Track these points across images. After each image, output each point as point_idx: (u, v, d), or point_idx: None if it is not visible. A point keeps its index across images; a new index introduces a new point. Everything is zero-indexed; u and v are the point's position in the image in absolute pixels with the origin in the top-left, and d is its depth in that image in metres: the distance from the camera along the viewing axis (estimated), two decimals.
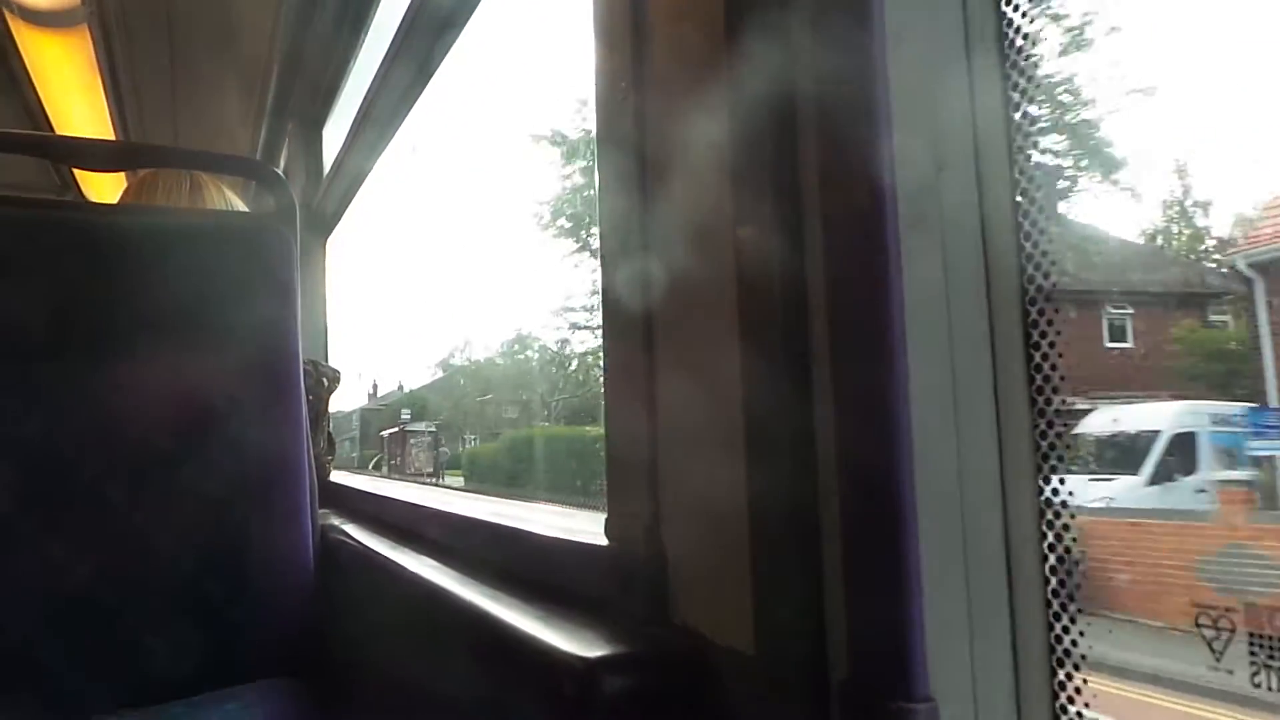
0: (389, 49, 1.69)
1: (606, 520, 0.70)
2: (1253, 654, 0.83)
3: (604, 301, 0.72)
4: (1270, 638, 0.83)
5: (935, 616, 0.47)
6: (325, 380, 1.58)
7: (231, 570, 1.05)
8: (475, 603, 0.73)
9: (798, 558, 0.52)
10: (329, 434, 1.65)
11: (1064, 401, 0.50)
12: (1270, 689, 0.78)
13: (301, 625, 1.08)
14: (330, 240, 2.23)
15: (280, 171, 1.87)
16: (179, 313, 1.12)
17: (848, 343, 0.50)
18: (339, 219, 2.22)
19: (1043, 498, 0.50)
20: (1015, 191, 0.51)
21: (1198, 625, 0.87)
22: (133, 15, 2.12)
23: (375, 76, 1.80)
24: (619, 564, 0.67)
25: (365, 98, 1.89)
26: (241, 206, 1.42)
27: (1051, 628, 0.50)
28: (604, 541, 0.70)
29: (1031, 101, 0.51)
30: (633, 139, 0.68)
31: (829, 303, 0.51)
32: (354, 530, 1.18)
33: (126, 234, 1.15)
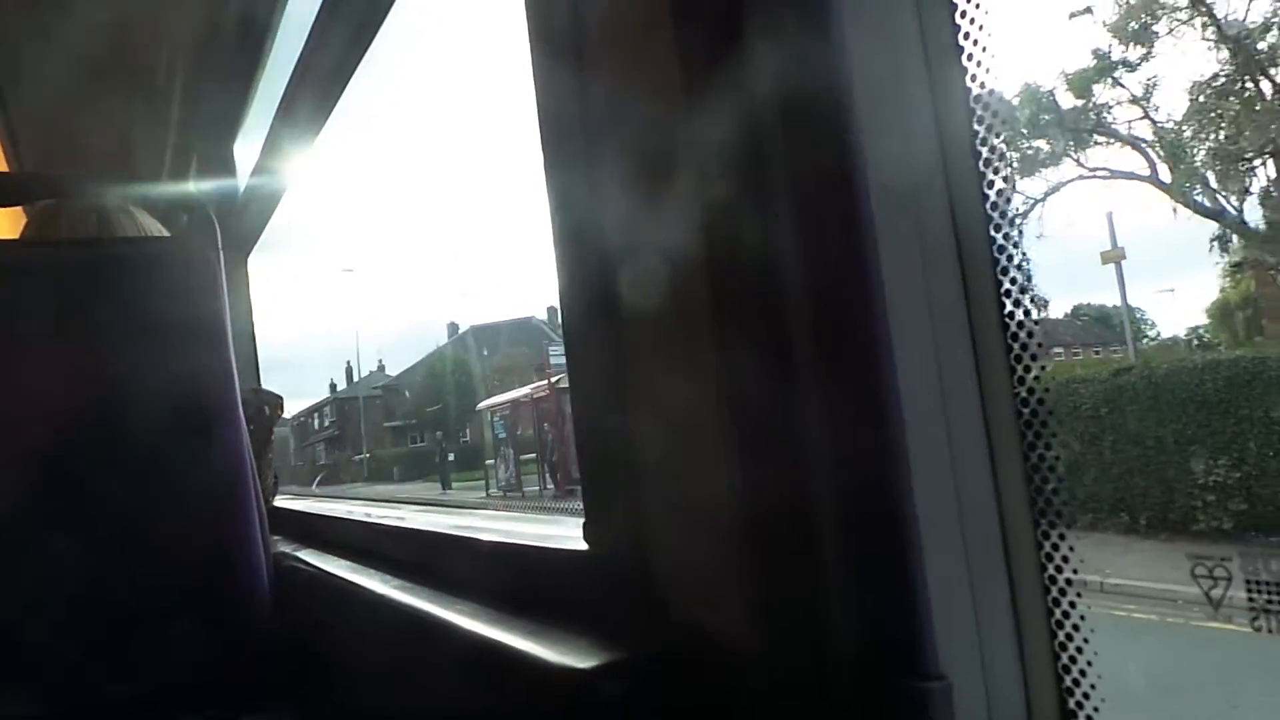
0: (299, 61, 1.60)
1: (585, 524, 0.66)
2: None
3: (563, 302, 0.68)
4: None
5: (938, 593, 0.46)
6: (266, 409, 1.50)
7: (185, 606, 0.98)
8: (454, 620, 0.69)
9: (792, 545, 0.50)
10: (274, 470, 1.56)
11: (1038, 378, 0.50)
12: None
13: (261, 656, 1.01)
14: (251, 258, 2.12)
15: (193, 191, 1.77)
16: (105, 349, 1.04)
17: (828, 328, 0.48)
18: (258, 235, 2.11)
19: (1029, 463, 0.49)
20: (989, 223, 0.50)
21: None
22: (21, 38, 1.97)
23: (286, 89, 1.71)
24: (602, 567, 0.65)
25: (276, 113, 1.79)
26: (161, 231, 1.32)
27: (1048, 590, 0.49)
28: (583, 546, 0.67)
29: (989, 108, 0.50)
30: (578, 124, 0.65)
31: (808, 291, 0.49)
32: (309, 555, 1.11)
33: (39, 271, 1.06)
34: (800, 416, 0.50)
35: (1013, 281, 0.50)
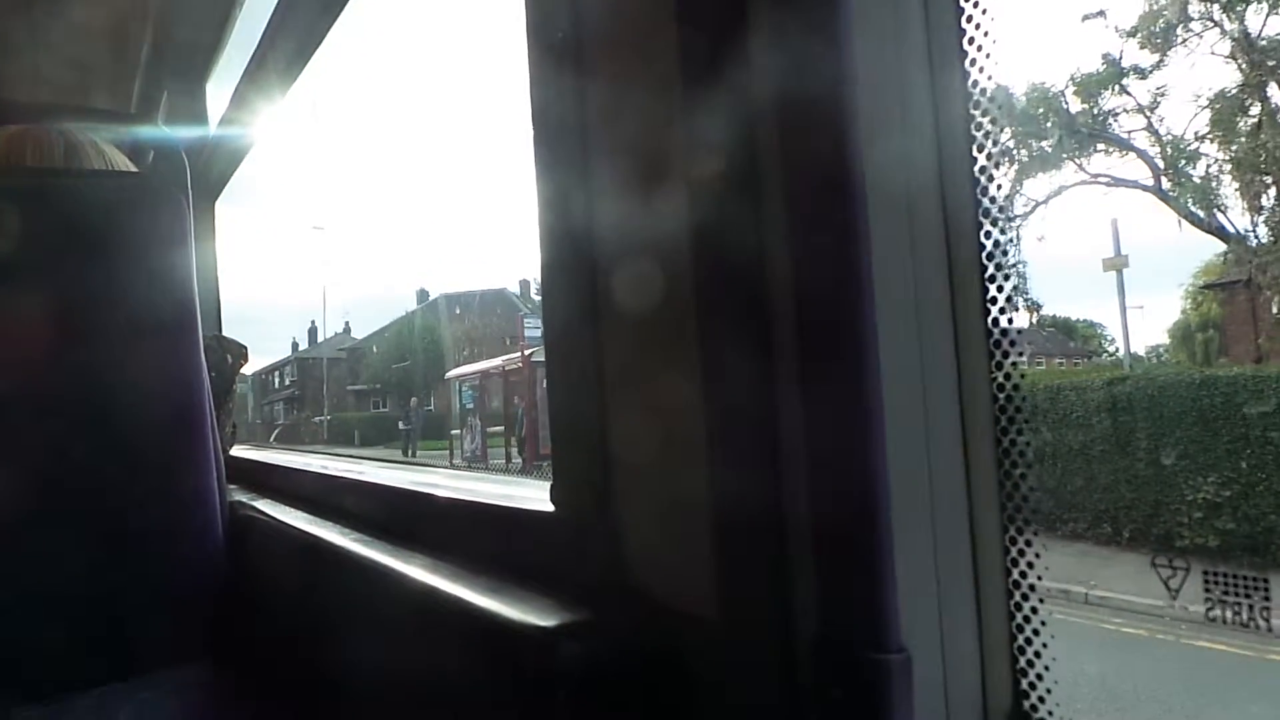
0: (277, 6, 1.59)
1: (552, 486, 0.68)
2: None
3: (545, 295, 0.70)
4: None
5: (903, 573, 0.48)
6: (230, 357, 1.50)
7: (135, 555, 0.99)
8: (416, 576, 0.71)
9: (759, 517, 0.53)
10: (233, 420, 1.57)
11: (1016, 386, 0.52)
12: None
13: (214, 608, 1.03)
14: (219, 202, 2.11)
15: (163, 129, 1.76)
16: (61, 286, 1.04)
17: (814, 319, 0.50)
18: (227, 179, 2.10)
19: (1001, 448, 0.52)
20: (979, 230, 0.52)
21: None
22: None
23: (263, 35, 1.70)
24: (568, 531, 0.67)
25: (251, 58, 1.78)
26: (128, 166, 1.32)
27: (1009, 572, 0.51)
28: (550, 508, 0.68)
29: (989, 111, 0.52)
30: (572, 120, 0.66)
31: (798, 288, 0.50)
32: (265, 505, 1.13)
33: None
34: (777, 402, 0.52)
35: (999, 290, 0.52)
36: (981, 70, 0.52)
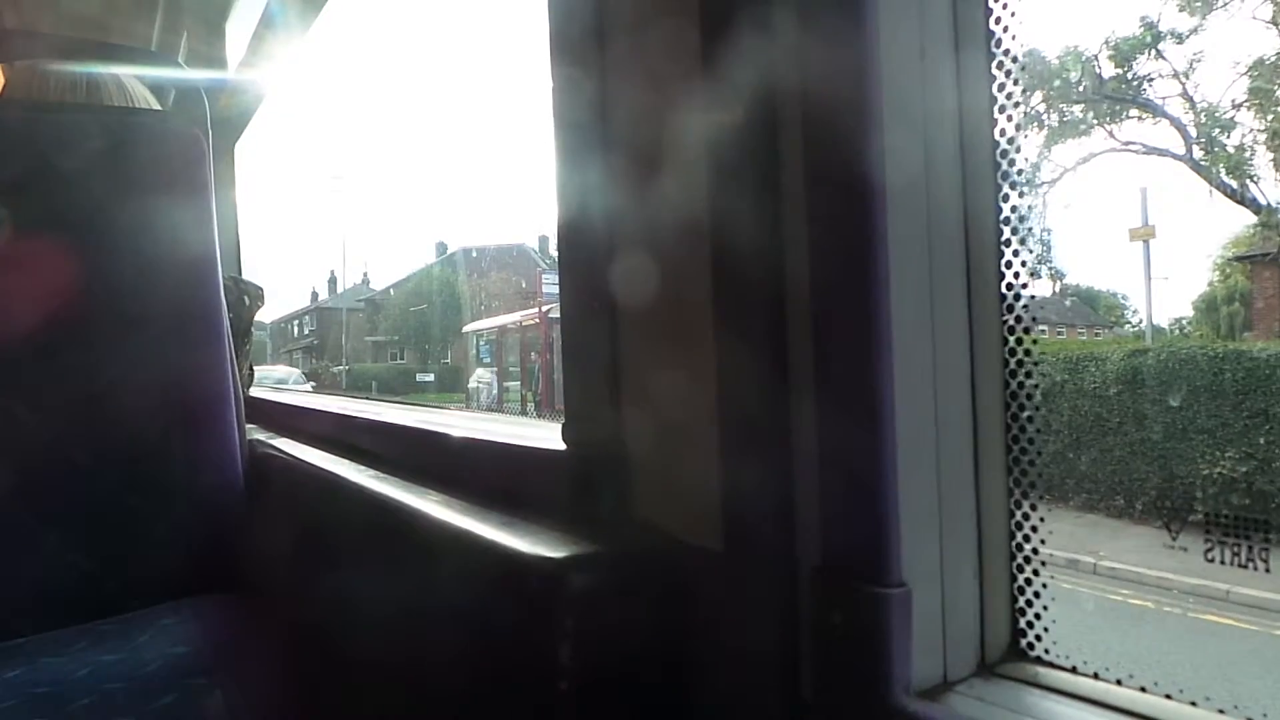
0: None
1: (564, 425, 0.70)
2: None
3: (563, 281, 0.71)
4: None
5: (907, 511, 0.49)
6: (247, 298, 1.52)
7: (156, 485, 1.02)
8: (428, 511, 0.73)
9: (767, 453, 0.54)
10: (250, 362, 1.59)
11: (1027, 330, 0.52)
12: None
13: (234, 539, 1.06)
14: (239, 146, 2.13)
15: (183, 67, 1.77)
16: (84, 219, 1.06)
17: (827, 310, 0.51)
18: (247, 121, 2.11)
19: (1009, 390, 0.52)
20: (998, 193, 0.52)
21: None
22: None
23: None
24: (579, 468, 0.68)
25: None
26: (151, 102, 1.33)
27: (1013, 514, 0.52)
28: (561, 446, 0.70)
29: (1016, 103, 0.51)
30: (593, 111, 0.67)
31: (814, 265, 0.51)
32: (283, 443, 1.15)
33: (16, 133, 1.07)
34: (788, 339, 0.53)
35: (1016, 299, 0.52)
36: (1006, 49, 0.51)
